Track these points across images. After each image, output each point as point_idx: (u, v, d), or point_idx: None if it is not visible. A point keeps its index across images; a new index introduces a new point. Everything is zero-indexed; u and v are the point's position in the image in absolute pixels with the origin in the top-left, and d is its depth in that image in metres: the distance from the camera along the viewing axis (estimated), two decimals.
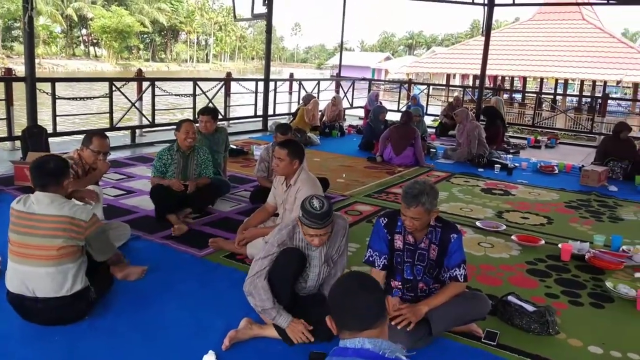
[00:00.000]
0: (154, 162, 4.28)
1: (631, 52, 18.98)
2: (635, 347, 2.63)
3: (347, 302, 1.44)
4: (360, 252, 3.58)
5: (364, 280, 1.52)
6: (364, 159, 7.29)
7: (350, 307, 1.43)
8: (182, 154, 4.24)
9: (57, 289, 2.46)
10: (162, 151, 4.27)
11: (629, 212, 5.23)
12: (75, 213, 2.49)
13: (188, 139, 4.17)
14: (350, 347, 1.40)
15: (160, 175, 4.20)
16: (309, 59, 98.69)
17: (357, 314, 1.42)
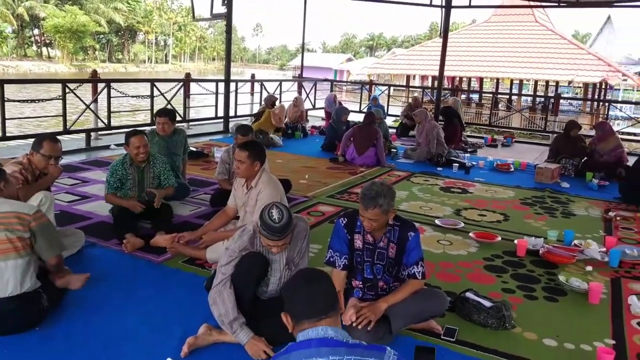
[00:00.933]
0: (107, 177, 3.94)
1: (581, 53, 19.77)
2: (588, 338, 2.73)
3: (301, 293, 1.52)
4: (322, 252, 3.57)
5: (312, 272, 1.63)
6: (326, 159, 7.30)
7: (305, 297, 1.50)
8: (136, 167, 3.97)
9: (3, 288, 2.38)
10: (115, 165, 3.95)
11: (581, 207, 5.43)
12: (17, 208, 2.48)
13: (140, 154, 3.89)
14: (313, 337, 1.44)
15: (114, 191, 3.92)
16: (271, 60, 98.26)
17: (313, 302, 1.49)
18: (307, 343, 1.44)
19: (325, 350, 1.41)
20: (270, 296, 2.69)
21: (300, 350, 1.43)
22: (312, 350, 1.41)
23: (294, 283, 1.58)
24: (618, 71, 20.13)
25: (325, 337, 1.44)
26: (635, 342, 2.72)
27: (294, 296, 1.53)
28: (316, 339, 1.44)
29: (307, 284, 1.54)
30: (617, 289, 3.38)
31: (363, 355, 1.39)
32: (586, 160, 6.99)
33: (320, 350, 1.41)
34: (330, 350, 1.41)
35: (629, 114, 14.64)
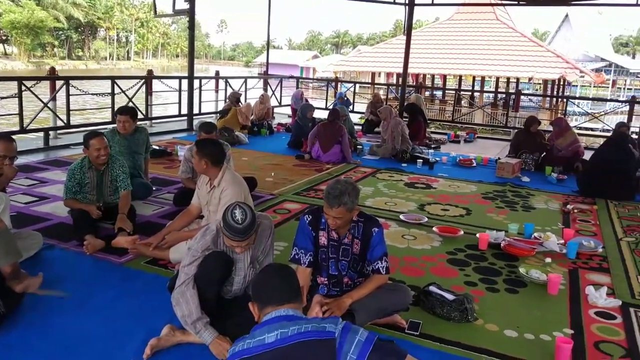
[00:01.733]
0: (66, 182, 3.82)
1: (541, 51, 20.35)
2: (547, 329, 2.80)
3: (267, 282, 1.72)
4: (288, 250, 3.54)
5: (279, 266, 1.82)
6: (292, 157, 7.29)
7: (270, 285, 1.70)
8: (95, 171, 3.85)
9: None
10: (73, 169, 3.82)
11: (540, 201, 5.59)
12: None
13: (101, 156, 3.76)
14: (274, 316, 1.63)
15: (73, 196, 3.81)
16: (236, 57, 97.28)
17: (278, 290, 1.68)
18: (270, 320, 1.62)
19: (286, 323, 1.59)
20: (235, 295, 2.66)
21: (262, 327, 1.62)
22: (274, 325, 1.60)
23: (262, 274, 1.79)
24: (575, 68, 20.82)
25: (286, 315, 1.63)
26: (592, 331, 2.81)
27: (261, 285, 1.73)
28: (277, 316, 1.62)
29: (273, 275, 1.75)
30: (575, 280, 3.49)
31: (320, 323, 1.59)
32: (545, 155, 7.20)
33: (282, 324, 1.59)
34: (290, 322, 1.60)
35: (586, 110, 15.12)
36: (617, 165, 5.71)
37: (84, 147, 3.83)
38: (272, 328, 1.59)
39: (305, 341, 1.53)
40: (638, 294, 3.32)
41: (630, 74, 39.62)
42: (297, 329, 1.56)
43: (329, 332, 1.55)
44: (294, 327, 1.57)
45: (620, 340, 2.72)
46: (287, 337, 1.55)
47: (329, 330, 1.55)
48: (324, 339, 1.53)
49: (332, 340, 1.53)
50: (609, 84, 38.54)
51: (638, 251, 4.12)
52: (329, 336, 1.53)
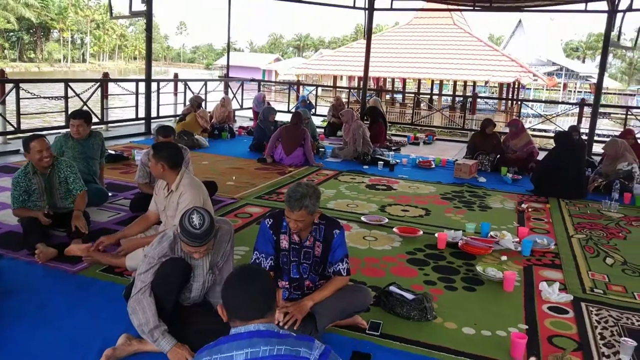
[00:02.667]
0: (12, 191, 3.65)
1: (496, 55, 20.96)
2: (503, 325, 2.88)
3: (238, 291, 1.55)
4: (249, 254, 3.52)
5: (251, 271, 1.64)
6: (254, 160, 7.23)
7: (241, 297, 1.54)
8: (41, 175, 3.70)
9: None
10: (17, 177, 3.64)
11: (496, 200, 5.75)
12: None
13: (44, 158, 3.62)
14: (244, 331, 1.49)
15: (21, 205, 3.65)
16: (196, 59, 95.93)
17: (248, 303, 1.53)
18: (240, 335, 1.49)
19: (257, 341, 1.46)
20: (194, 302, 2.62)
21: (231, 342, 1.48)
22: (244, 342, 1.46)
23: (233, 280, 1.61)
24: (529, 72, 21.56)
25: (257, 330, 1.49)
26: (546, 326, 2.90)
27: (232, 295, 1.57)
28: (247, 332, 1.49)
29: (244, 283, 1.57)
30: (529, 277, 3.60)
31: (293, 346, 1.46)
32: (501, 156, 7.41)
33: (252, 341, 1.46)
34: (262, 340, 1.46)
35: (539, 112, 15.68)
36: (568, 165, 5.93)
37: (25, 151, 3.68)
38: (242, 345, 1.46)
39: None
40: (589, 288, 3.45)
41: (580, 77, 41.33)
42: (268, 350, 1.44)
43: (303, 357, 1.45)
44: (265, 348, 1.45)
45: (573, 334, 2.81)
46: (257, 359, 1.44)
47: (303, 356, 1.45)
48: None
49: None
50: (561, 87, 40.07)
51: (588, 247, 4.29)
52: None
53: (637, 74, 65.65)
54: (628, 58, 64.76)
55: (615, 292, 3.42)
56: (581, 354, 2.61)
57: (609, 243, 4.44)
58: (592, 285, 3.50)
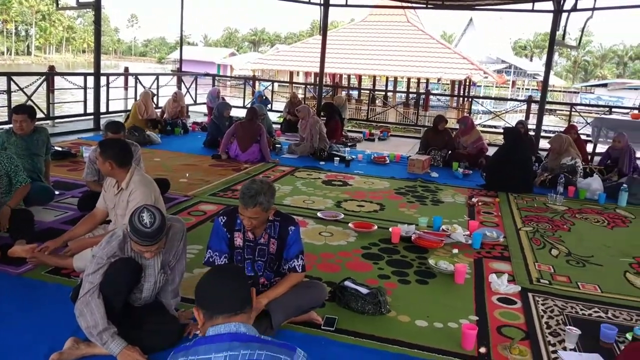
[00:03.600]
0: None
1: (448, 53, 21.40)
2: (454, 316, 2.95)
3: (220, 287, 1.53)
4: (203, 253, 3.47)
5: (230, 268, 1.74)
6: (208, 156, 7.12)
7: (222, 292, 1.51)
8: None
9: None
10: None
11: (448, 195, 5.89)
12: None
13: None
14: (224, 332, 1.45)
15: None
16: (148, 53, 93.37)
17: (230, 298, 1.50)
18: (219, 337, 1.44)
19: (237, 345, 1.42)
20: (145, 302, 2.55)
21: (210, 344, 1.44)
22: (224, 345, 1.42)
23: (212, 278, 1.58)
24: (480, 69, 22.14)
25: (237, 332, 1.45)
26: (495, 316, 2.99)
27: (210, 291, 1.53)
28: (228, 333, 1.45)
29: (225, 280, 1.56)
30: (480, 269, 3.71)
31: (274, 352, 1.42)
32: (452, 152, 7.59)
33: (233, 345, 1.42)
34: (242, 344, 1.42)
35: (489, 109, 16.17)
36: (516, 160, 6.14)
37: None
38: (221, 347, 1.42)
39: None
40: (535, 279, 3.59)
41: (528, 75, 42.92)
42: (248, 354, 1.40)
43: None
44: (245, 352, 1.40)
45: (520, 324, 2.92)
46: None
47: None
48: None
49: None
50: (510, 84, 41.48)
51: (535, 239, 4.47)
52: None
53: (581, 73, 68.77)
54: (573, 57, 67.73)
55: (560, 282, 3.57)
56: (529, 343, 2.71)
57: (554, 235, 4.63)
58: (538, 276, 3.64)
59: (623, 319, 3.06)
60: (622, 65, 67.89)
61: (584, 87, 44.07)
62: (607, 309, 3.17)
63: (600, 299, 3.34)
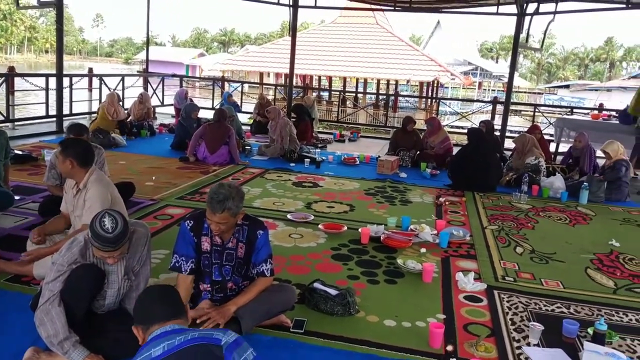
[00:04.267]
0: None
1: (417, 55, 21.71)
2: (422, 315, 2.98)
3: (150, 303, 1.71)
4: (170, 257, 3.41)
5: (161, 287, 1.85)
6: (176, 159, 7.01)
7: (153, 306, 1.69)
8: None
9: None
10: None
11: (416, 195, 5.96)
12: None
13: None
14: (161, 332, 1.61)
15: None
16: (114, 53, 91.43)
17: (163, 308, 1.68)
18: (156, 337, 1.60)
19: (173, 335, 1.59)
20: (109, 309, 2.49)
21: (149, 344, 1.59)
22: (161, 339, 1.58)
23: (144, 296, 1.79)
24: (447, 71, 22.53)
25: (172, 329, 1.62)
26: (462, 314, 3.03)
27: (143, 307, 1.72)
28: (163, 332, 1.61)
29: (155, 296, 1.75)
30: (447, 267, 3.76)
31: (207, 332, 1.64)
32: (420, 152, 7.69)
33: (169, 337, 1.58)
34: (177, 334, 1.59)
35: (456, 110, 16.44)
36: (479, 159, 6.25)
37: None
38: (159, 342, 1.57)
39: (192, 346, 1.54)
40: (501, 277, 3.66)
41: (493, 76, 43.88)
42: (183, 337, 1.57)
43: (216, 338, 1.58)
44: (180, 337, 1.57)
45: (486, 321, 2.97)
46: (174, 347, 1.54)
47: (216, 337, 1.58)
48: (211, 343, 1.56)
49: (219, 346, 1.55)
50: (476, 85, 42.30)
51: (500, 238, 4.56)
52: (216, 342, 1.56)
53: (544, 74, 70.70)
54: (537, 59, 69.57)
55: (524, 279, 3.65)
56: (494, 340, 2.76)
57: (519, 233, 4.74)
58: (503, 274, 3.72)
59: (585, 314, 3.15)
60: (584, 67, 70.20)
61: (548, 88, 45.34)
62: (570, 305, 3.26)
63: (563, 294, 3.43)
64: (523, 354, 2.63)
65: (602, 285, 3.66)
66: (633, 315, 3.17)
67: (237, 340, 1.60)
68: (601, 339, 2.72)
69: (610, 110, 10.42)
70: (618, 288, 3.61)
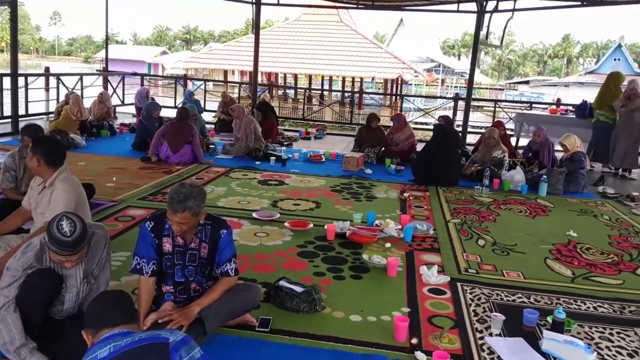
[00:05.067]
0: None
1: (381, 52, 21.88)
2: (387, 309, 3.01)
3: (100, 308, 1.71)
4: (131, 260, 3.34)
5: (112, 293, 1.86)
6: (137, 159, 6.87)
7: (103, 311, 1.69)
8: None
9: None
10: None
11: (381, 190, 6.01)
12: None
13: None
14: (108, 335, 1.60)
15: None
16: (73, 52, 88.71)
17: (111, 314, 1.66)
18: (103, 339, 1.60)
19: (120, 338, 1.58)
20: (68, 314, 2.42)
21: (95, 346, 1.59)
22: (107, 342, 1.58)
23: (94, 302, 1.80)
24: (411, 68, 22.80)
25: (120, 332, 1.61)
26: (426, 307, 3.08)
27: (93, 311, 1.72)
28: (111, 334, 1.61)
29: (105, 301, 1.76)
30: (411, 261, 3.80)
31: (155, 333, 1.64)
32: (385, 148, 7.76)
33: (116, 339, 1.58)
34: (125, 336, 1.59)
35: (420, 106, 16.70)
36: (440, 154, 6.36)
37: None
38: (105, 344, 1.57)
39: (138, 347, 1.54)
40: (464, 269, 3.73)
41: (456, 73, 44.72)
42: (130, 339, 1.57)
43: (162, 337, 1.59)
44: (127, 339, 1.57)
45: (450, 313, 3.02)
46: (120, 348, 1.54)
47: (163, 337, 1.59)
48: (157, 342, 1.57)
49: (165, 344, 1.56)
50: (439, 82, 43.03)
51: (463, 231, 4.65)
52: (163, 341, 1.57)
53: (505, 71, 72.46)
54: (497, 56, 71.24)
55: (486, 271, 3.73)
56: (457, 331, 2.81)
57: (480, 226, 4.84)
58: (466, 266, 3.79)
59: (544, 302, 3.24)
60: (543, 63, 72.30)
61: (508, 84, 46.53)
62: (530, 295, 3.35)
63: (524, 285, 3.52)
64: (485, 344, 2.69)
65: (561, 274, 3.77)
66: (590, 303, 3.28)
67: (184, 338, 1.61)
68: (560, 327, 2.80)
69: (567, 105, 10.78)
70: (576, 277, 3.73)
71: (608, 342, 2.78)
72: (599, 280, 3.70)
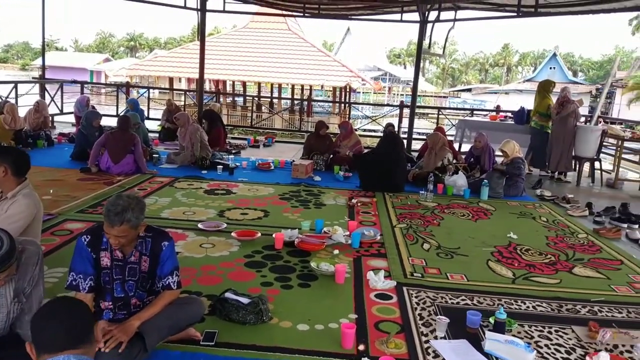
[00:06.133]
0: None
1: (329, 60, 22.05)
2: (335, 317, 3.00)
3: (44, 325, 1.46)
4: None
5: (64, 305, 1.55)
6: (77, 170, 6.58)
7: (46, 329, 1.44)
8: None
9: None
10: None
11: (330, 197, 6.03)
12: None
13: None
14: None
15: None
16: (10, 59, 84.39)
17: (54, 336, 1.43)
18: None
19: None
20: None
21: None
22: None
23: (40, 314, 1.52)
24: (358, 76, 23.08)
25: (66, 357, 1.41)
26: (373, 312, 3.09)
27: (36, 327, 1.48)
28: None
29: (52, 317, 1.48)
30: (359, 267, 3.83)
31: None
32: (334, 156, 7.81)
33: None
34: None
35: (367, 114, 16.95)
36: (389, 160, 6.47)
37: None
38: None
39: None
40: (409, 273, 3.79)
41: (402, 81, 45.73)
42: None
43: None
44: None
45: (396, 318, 3.05)
46: None
47: None
48: None
49: None
50: (386, 90, 43.88)
51: (409, 235, 4.73)
52: None
53: (449, 79, 74.80)
54: (441, 64, 73.48)
55: (431, 275, 3.80)
56: (404, 336, 2.84)
57: (425, 230, 4.94)
58: (412, 270, 3.85)
59: (487, 304, 3.34)
60: (484, 71, 75.12)
61: (452, 92, 48.07)
62: (473, 296, 3.44)
63: (467, 287, 3.61)
64: (431, 347, 2.73)
65: (502, 275, 3.90)
66: (530, 302, 3.40)
67: None
68: (501, 327, 2.89)
69: (506, 112, 11.22)
70: (516, 278, 3.87)
71: (547, 341, 2.89)
72: (538, 280, 3.85)
